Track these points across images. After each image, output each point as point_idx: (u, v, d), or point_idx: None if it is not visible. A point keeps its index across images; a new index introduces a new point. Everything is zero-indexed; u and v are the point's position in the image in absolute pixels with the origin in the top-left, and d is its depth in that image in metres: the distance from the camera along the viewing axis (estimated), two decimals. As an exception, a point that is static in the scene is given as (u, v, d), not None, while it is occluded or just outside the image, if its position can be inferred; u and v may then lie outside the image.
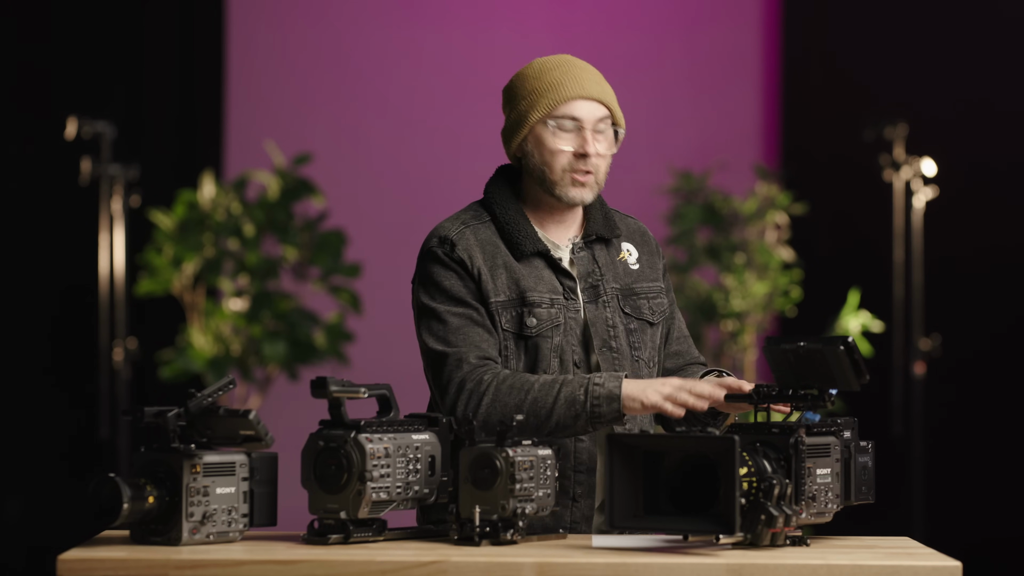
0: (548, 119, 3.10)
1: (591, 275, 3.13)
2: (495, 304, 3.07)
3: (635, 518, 2.68)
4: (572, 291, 3.11)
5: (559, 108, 3.10)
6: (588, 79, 3.12)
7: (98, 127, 6.27)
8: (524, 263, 3.10)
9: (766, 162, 7.39)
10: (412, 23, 7.47)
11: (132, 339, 6.40)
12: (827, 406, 2.81)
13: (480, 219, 3.13)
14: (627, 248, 3.21)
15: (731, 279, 6.84)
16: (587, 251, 3.15)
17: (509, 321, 3.07)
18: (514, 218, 3.12)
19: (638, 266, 3.20)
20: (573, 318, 3.09)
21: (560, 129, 3.09)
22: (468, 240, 3.09)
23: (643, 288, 3.18)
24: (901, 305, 6.66)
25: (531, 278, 3.09)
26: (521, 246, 3.09)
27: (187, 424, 2.65)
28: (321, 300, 6.86)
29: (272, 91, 7.40)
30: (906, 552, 2.69)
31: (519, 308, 3.07)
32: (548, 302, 3.08)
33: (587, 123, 3.09)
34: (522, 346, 3.07)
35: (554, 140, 3.09)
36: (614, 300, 3.14)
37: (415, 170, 7.37)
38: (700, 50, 7.54)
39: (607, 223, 3.18)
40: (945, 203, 6.69)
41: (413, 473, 2.74)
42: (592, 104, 3.10)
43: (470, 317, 3.05)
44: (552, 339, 3.07)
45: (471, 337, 3.04)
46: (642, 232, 3.26)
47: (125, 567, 2.53)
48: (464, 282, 3.08)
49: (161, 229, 6.66)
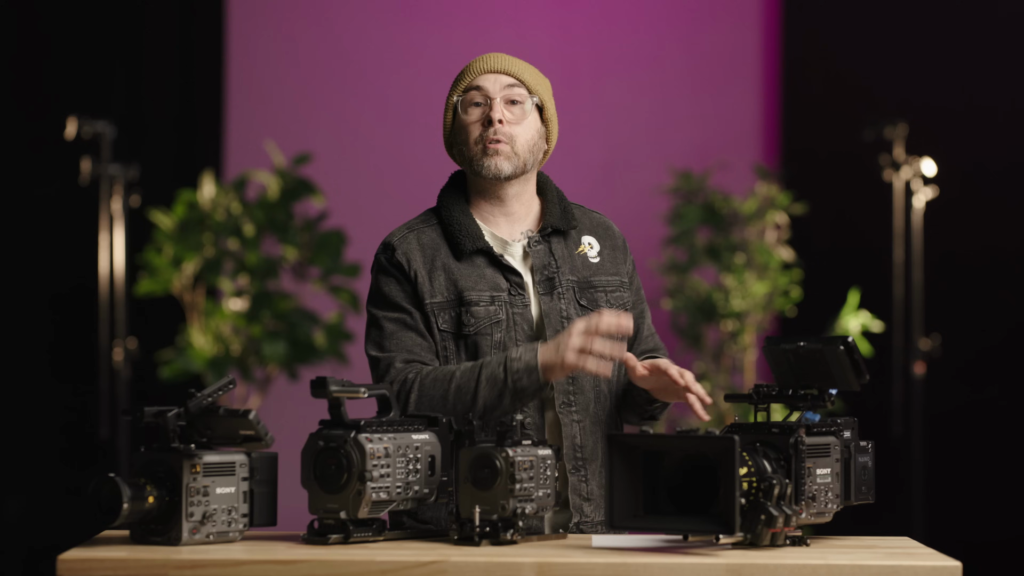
0: (459, 97, 3.18)
1: (547, 267, 3.16)
2: (431, 305, 3.12)
3: (635, 518, 2.68)
4: (519, 287, 3.13)
5: (467, 84, 3.18)
6: (498, 57, 3.19)
7: (98, 127, 6.27)
8: (465, 262, 3.14)
9: (766, 162, 7.39)
10: (412, 23, 7.47)
11: (132, 339, 6.40)
12: (827, 406, 2.81)
13: (428, 223, 3.20)
14: (588, 241, 3.23)
15: (731, 279, 6.84)
16: (544, 244, 3.17)
17: (447, 321, 3.11)
18: (458, 218, 3.16)
19: (598, 259, 3.22)
20: (519, 313, 3.12)
21: (468, 104, 3.17)
22: (410, 244, 3.16)
23: (601, 281, 3.20)
24: (901, 305, 6.66)
25: (470, 277, 3.12)
26: (461, 245, 3.13)
27: (187, 424, 2.65)
28: (321, 300, 6.86)
29: (272, 91, 7.40)
30: (906, 552, 2.69)
31: (457, 308, 3.11)
32: (488, 300, 3.11)
33: (493, 93, 3.15)
34: (461, 345, 3.11)
35: (464, 116, 3.17)
36: (569, 292, 3.16)
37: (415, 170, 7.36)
38: (700, 50, 7.54)
39: (564, 216, 3.21)
40: (945, 203, 6.69)
41: (413, 473, 2.74)
42: (496, 76, 3.17)
43: (403, 322, 3.12)
44: (492, 336, 3.10)
45: (403, 341, 3.10)
46: (606, 227, 3.28)
47: (125, 567, 2.53)
48: (401, 286, 3.14)
49: (161, 229, 6.66)
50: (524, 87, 3.16)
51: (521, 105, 3.16)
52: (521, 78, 3.16)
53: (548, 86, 3.22)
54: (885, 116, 6.67)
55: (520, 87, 3.16)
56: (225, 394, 2.68)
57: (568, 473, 3.09)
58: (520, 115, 3.15)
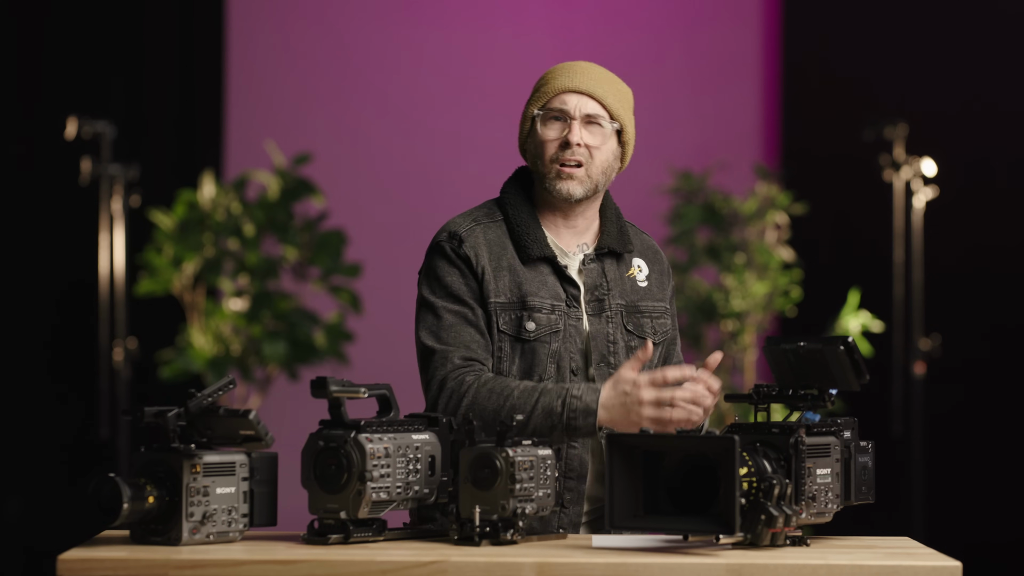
0: (539, 112, 3.13)
1: (598, 288, 3.13)
2: (494, 305, 3.08)
3: (635, 518, 2.68)
4: (575, 299, 3.11)
5: (549, 101, 3.13)
6: (581, 74, 3.13)
7: (98, 127, 6.27)
8: (529, 267, 3.10)
9: (766, 162, 7.39)
10: (412, 23, 7.47)
11: (132, 339, 6.40)
12: (827, 406, 2.81)
13: (492, 218, 3.15)
14: (638, 264, 3.21)
15: (731, 279, 6.84)
16: (597, 263, 3.15)
17: (507, 323, 3.08)
18: (525, 220, 3.13)
19: (647, 283, 3.20)
20: (574, 326, 3.10)
21: (549, 119, 3.12)
22: (477, 238, 3.11)
23: (648, 307, 3.18)
24: (901, 305, 6.66)
25: (534, 282, 3.09)
26: (529, 249, 3.10)
27: (187, 424, 2.65)
28: (321, 300, 6.86)
29: (272, 91, 7.40)
30: (906, 552, 2.69)
31: (519, 311, 3.08)
32: (549, 308, 3.09)
33: (574, 114, 3.10)
34: (518, 349, 3.08)
35: (543, 130, 3.12)
36: (617, 316, 3.13)
37: (415, 170, 7.37)
38: (700, 50, 7.54)
39: (621, 237, 3.18)
40: (945, 203, 6.69)
41: (413, 473, 2.74)
42: (580, 96, 3.11)
43: (464, 316, 3.07)
44: (550, 345, 3.07)
45: (462, 336, 3.06)
46: (655, 251, 3.26)
47: (125, 567, 2.53)
48: (466, 280, 3.09)
49: (161, 229, 6.66)
50: (606, 111, 3.11)
51: (601, 128, 3.11)
52: (604, 101, 3.11)
53: (630, 101, 3.17)
54: (885, 116, 6.67)
55: (602, 110, 3.11)
56: (225, 394, 2.68)
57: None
58: (599, 139, 3.11)
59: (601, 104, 3.11)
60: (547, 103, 3.12)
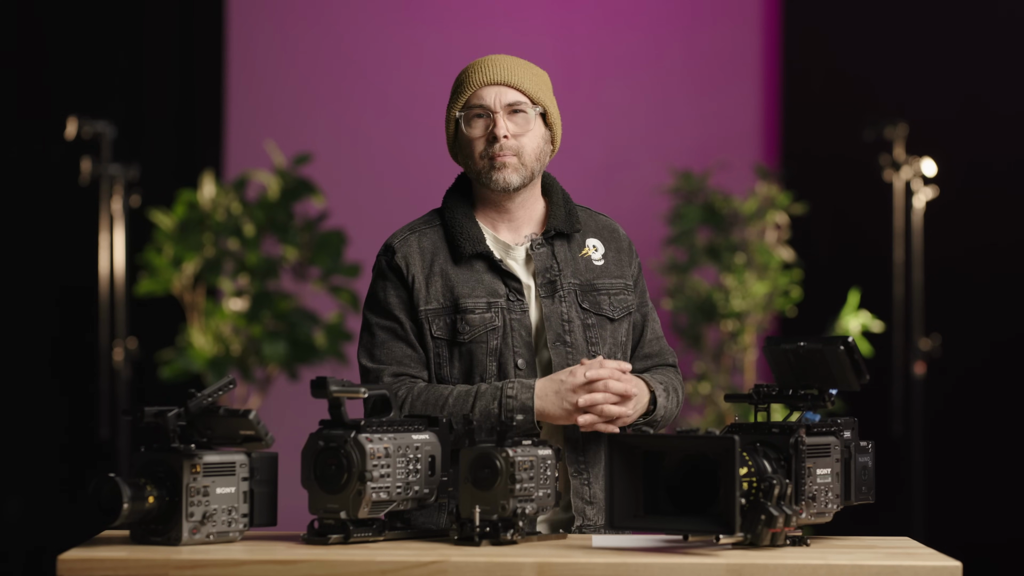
0: (461, 112, 3.15)
1: (549, 270, 3.14)
2: (425, 312, 3.11)
3: (635, 518, 2.68)
4: (518, 292, 3.12)
5: (468, 99, 3.14)
6: (494, 65, 3.15)
7: (98, 127, 6.27)
8: (463, 266, 3.12)
9: (766, 162, 7.39)
10: (412, 23, 7.47)
11: (132, 339, 6.40)
12: (827, 406, 2.81)
13: (431, 224, 3.19)
14: (592, 244, 3.22)
15: (731, 279, 6.84)
16: (547, 247, 3.16)
17: (441, 328, 3.10)
18: (460, 221, 3.15)
19: (603, 262, 3.21)
20: (517, 320, 3.10)
21: (472, 118, 3.13)
22: (410, 247, 3.15)
23: (605, 284, 3.19)
24: (901, 305, 6.66)
25: (467, 284, 3.11)
26: (461, 248, 3.12)
27: (187, 424, 2.65)
28: (321, 300, 6.86)
29: (272, 91, 7.40)
30: (906, 552, 2.69)
31: (452, 315, 3.10)
32: (484, 307, 3.10)
33: (495, 107, 3.12)
34: (456, 352, 3.10)
35: (468, 130, 3.14)
36: (571, 295, 3.14)
37: (415, 170, 7.37)
38: (700, 50, 7.54)
39: (568, 219, 3.19)
40: (945, 203, 6.69)
41: (413, 473, 2.74)
42: (497, 88, 3.13)
43: (394, 331, 3.11)
44: (487, 343, 3.09)
45: (394, 352, 3.10)
46: (612, 229, 3.26)
47: (125, 567, 2.53)
48: (397, 292, 3.14)
49: (161, 229, 6.66)
50: (526, 96, 3.13)
51: (525, 115, 3.13)
52: (522, 88, 3.12)
53: (547, 83, 3.18)
54: (885, 116, 6.67)
55: (522, 97, 3.13)
56: (225, 394, 2.68)
57: (570, 476, 3.08)
58: (524, 125, 3.13)
59: (519, 91, 3.13)
60: (467, 101, 3.14)
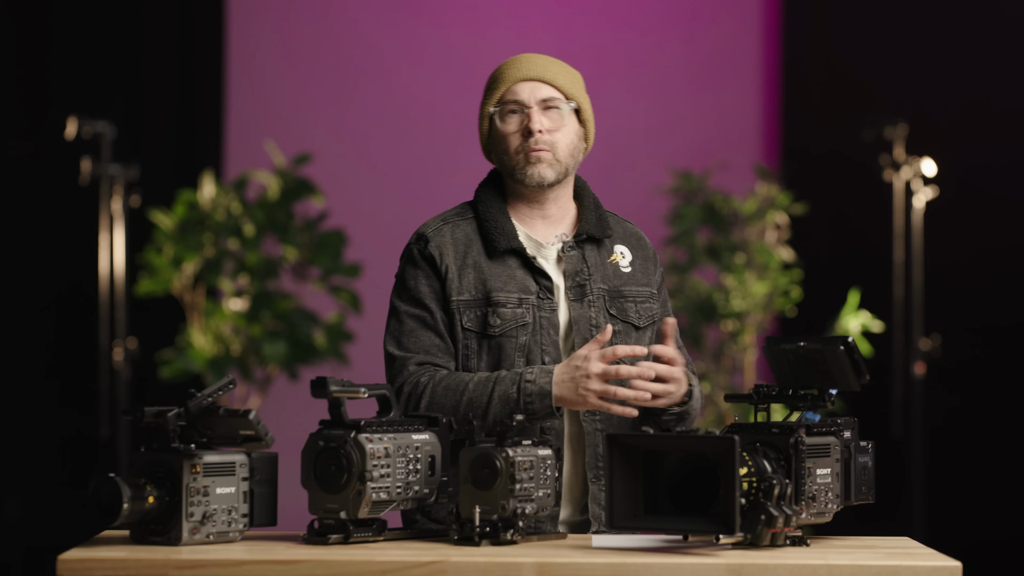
0: (496, 108, 3.16)
1: (579, 274, 3.15)
2: (456, 303, 3.11)
3: (635, 518, 2.68)
4: (548, 291, 3.12)
5: (503, 95, 3.16)
6: (529, 62, 3.17)
7: (98, 127, 6.27)
8: (496, 261, 3.13)
9: (766, 162, 7.39)
10: (412, 23, 7.47)
11: (132, 339, 6.40)
12: (827, 406, 2.81)
13: (464, 216, 3.19)
14: (620, 250, 3.22)
15: (731, 279, 6.84)
16: (577, 250, 3.17)
17: (472, 320, 3.10)
18: (495, 216, 3.15)
19: (630, 269, 3.21)
20: (547, 318, 3.11)
21: (507, 114, 3.15)
22: (443, 237, 3.15)
23: (632, 291, 3.19)
24: (901, 305, 6.66)
25: (500, 277, 3.11)
26: (495, 243, 3.12)
27: (187, 424, 2.65)
28: (321, 300, 6.86)
29: (272, 91, 7.40)
30: (906, 552, 2.69)
31: (483, 308, 3.11)
32: (515, 302, 3.10)
33: (529, 102, 3.13)
34: (485, 345, 3.10)
35: (503, 126, 3.15)
36: (600, 300, 3.15)
37: (415, 170, 7.37)
38: (700, 50, 7.54)
39: (599, 223, 3.20)
40: (945, 203, 6.69)
41: (413, 473, 2.74)
42: (532, 84, 3.14)
43: (424, 320, 3.11)
44: (517, 339, 3.09)
45: (421, 341, 3.10)
46: (638, 237, 3.27)
47: (125, 567, 2.53)
48: (429, 281, 3.13)
49: (161, 229, 6.66)
50: (560, 92, 3.14)
51: (559, 111, 3.14)
52: (556, 84, 3.14)
53: (581, 81, 3.20)
54: (885, 116, 6.67)
55: (557, 93, 3.14)
56: (225, 394, 2.68)
57: (589, 482, 3.08)
58: (559, 121, 3.14)
59: (554, 86, 3.15)
60: (501, 97, 3.15)
